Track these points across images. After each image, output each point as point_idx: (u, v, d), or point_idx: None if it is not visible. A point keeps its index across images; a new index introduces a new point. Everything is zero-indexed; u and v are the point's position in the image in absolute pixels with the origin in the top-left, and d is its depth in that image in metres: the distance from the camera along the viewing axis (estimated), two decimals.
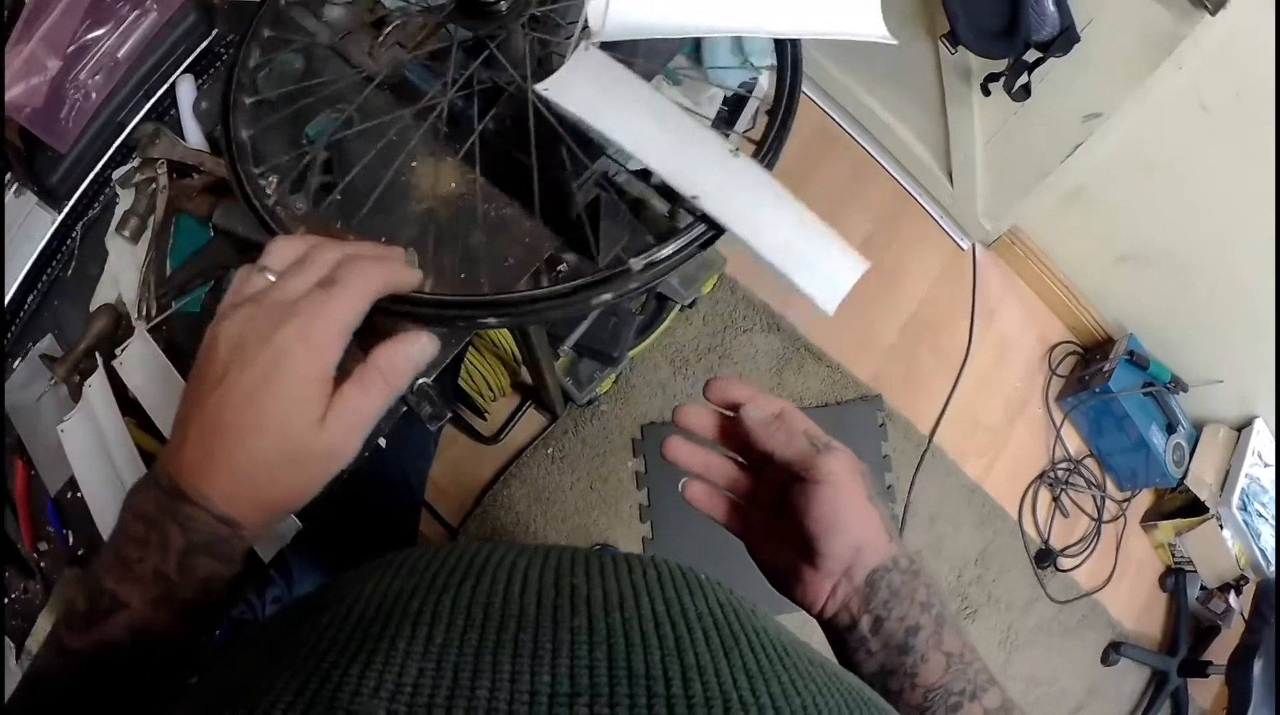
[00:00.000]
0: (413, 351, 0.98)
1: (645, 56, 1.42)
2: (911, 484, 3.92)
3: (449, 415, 1.14)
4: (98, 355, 1.68)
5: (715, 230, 1.20)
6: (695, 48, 1.90)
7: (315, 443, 0.87)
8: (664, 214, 1.43)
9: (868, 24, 1.34)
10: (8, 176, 1.77)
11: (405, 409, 1.45)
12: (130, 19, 1.77)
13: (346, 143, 1.50)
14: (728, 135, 1.66)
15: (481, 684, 0.54)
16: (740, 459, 1.16)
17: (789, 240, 1.19)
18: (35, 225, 1.79)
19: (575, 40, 1.30)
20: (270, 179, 1.38)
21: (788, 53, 1.35)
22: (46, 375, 1.69)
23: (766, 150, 1.27)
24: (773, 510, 1.11)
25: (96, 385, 1.63)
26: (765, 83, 2.05)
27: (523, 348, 2.76)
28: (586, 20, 1.28)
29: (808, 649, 0.71)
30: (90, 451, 1.60)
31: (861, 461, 1.06)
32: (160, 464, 0.89)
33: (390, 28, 1.60)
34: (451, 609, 0.63)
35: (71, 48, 1.69)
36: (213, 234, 1.70)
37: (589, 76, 1.25)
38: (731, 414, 1.10)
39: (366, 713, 0.51)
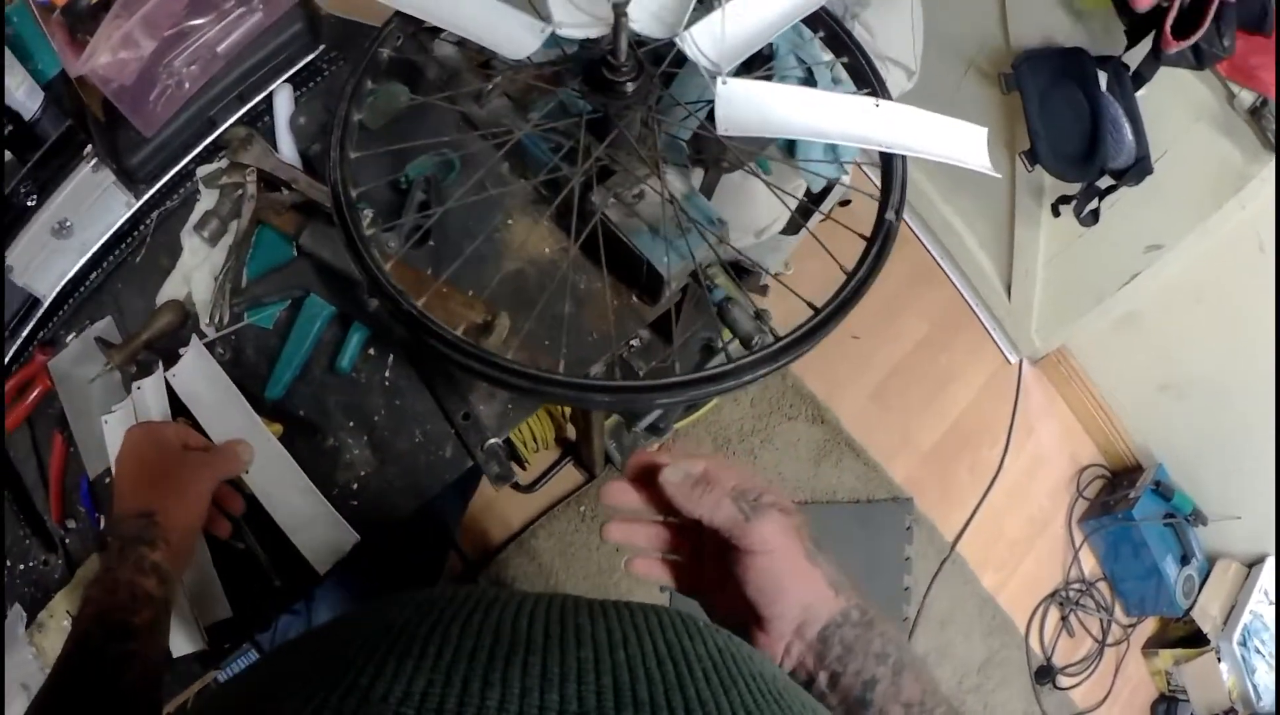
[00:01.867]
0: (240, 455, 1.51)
1: (737, 149, 1.47)
2: (928, 588, 3.80)
3: (514, 476, 1.21)
4: (159, 363, 1.63)
5: (788, 359, 1.19)
6: (789, 141, 1.78)
7: (179, 472, 1.42)
8: (750, 314, 1.45)
9: (974, 154, 1.34)
10: (88, 148, 1.74)
11: (471, 464, 1.51)
12: (234, 15, 1.73)
13: (445, 188, 1.52)
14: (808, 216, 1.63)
15: (491, 695, 0.53)
16: (677, 522, 1.15)
17: (935, 139, 1.30)
18: (110, 203, 1.76)
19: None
20: (366, 211, 1.35)
21: (896, 172, 1.31)
22: (100, 357, 1.65)
23: (865, 271, 1.23)
24: (720, 565, 1.07)
25: (149, 388, 1.61)
26: (848, 178, 1.93)
27: (577, 410, 2.74)
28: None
29: (800, 694, 0.71)
30: None
31: (795, 513, 1.02)
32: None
33: (499, 78, 1.58)
34: (461, 633, 0.62)
35: (170, 32, 1.65)
36: (295, 254, 1.68)
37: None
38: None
39: None
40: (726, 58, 1.34)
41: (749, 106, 1.29)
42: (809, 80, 1.76)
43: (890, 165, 1.31)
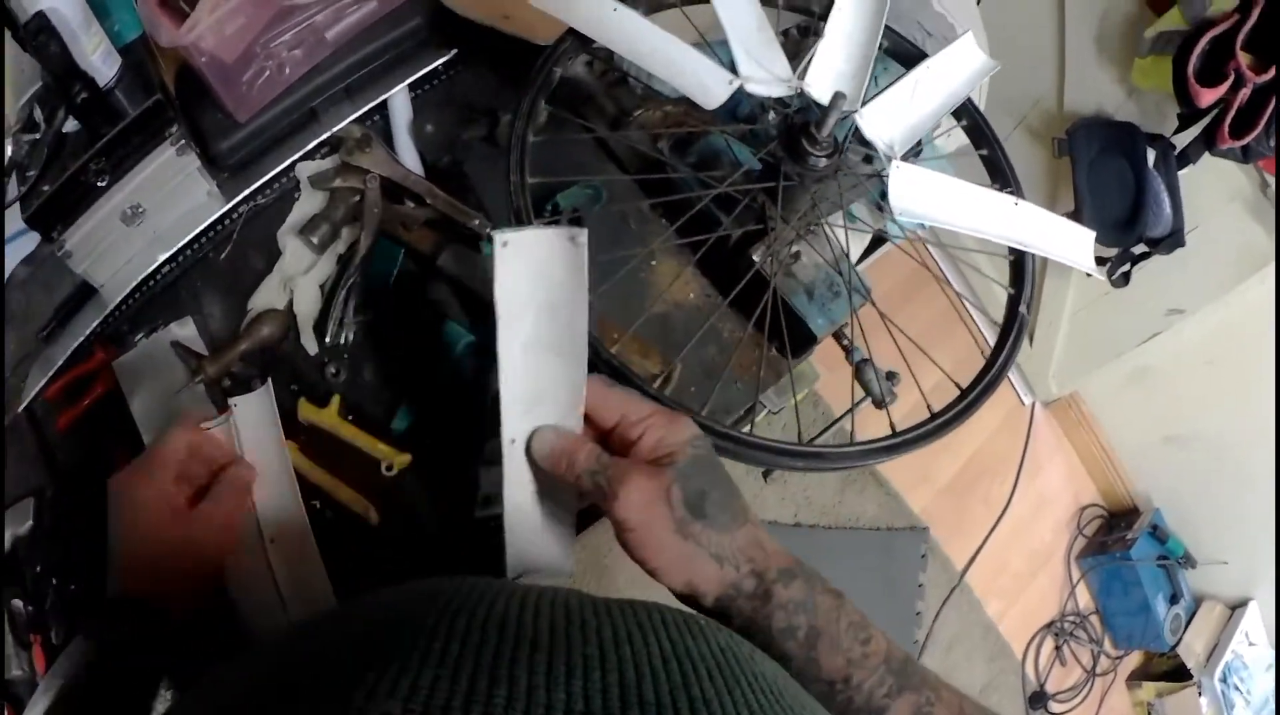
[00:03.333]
0: (238, 478, 1.23)
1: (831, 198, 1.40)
2: (938, 614, 3.74)
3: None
4: (262, 378, 1.39)
5: (938, 436, 1.25)
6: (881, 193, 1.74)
7: (171, 534, 1.12)
8: (884, 375, 1.44)
9: (1084, 256, 1.35)
10: (174, 129, 1.38)
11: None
12: (348, 0, 1.47)
13: (589, 220, 1.40)
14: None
15: (498, 692, 0.49)
16: None
17: (1055, 239, 1.34)
18: (192, 191, 1.46)
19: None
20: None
21: (1028, 269, 1.34)
22: (178, 366, 1.37)
23: (1005, 358, 1.30)
24: None
25: (251, 406, 1.30)
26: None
27: None
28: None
29: (800, 694, 0.66)
30: None
31: (671, 459, 0.86)
32: None
33: (637, 113, 1.50)
34: (467, 627, 0.57)
35: (276, 9, 1.40)
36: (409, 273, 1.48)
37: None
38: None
39: (382, 712, 0.46)
40: (900, 140, 1.29)
41: (915, 190, 1.26)
42: (917, 146, 1.71)
43: (1023, 263, 1.31)
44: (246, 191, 1.48)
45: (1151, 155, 2.78)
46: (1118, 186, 2.88)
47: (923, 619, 3.71)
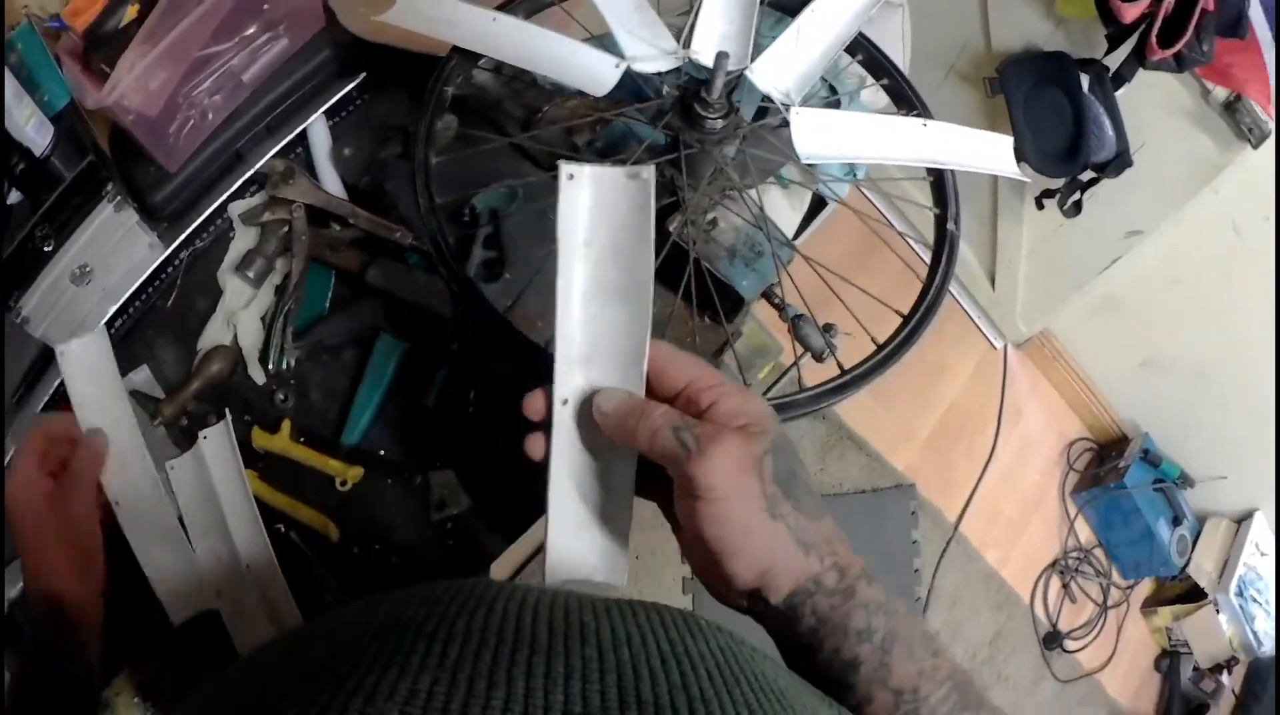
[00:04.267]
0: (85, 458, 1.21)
1: (761, 166, 1.47)
2: (936, 569, 3.79)
3: None
4: (217, 412, 1.44)
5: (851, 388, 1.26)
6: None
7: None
8: (819, 328, 1.46)
9: (1005, 163, 1.37)
10: (109, 187, 1.49)
11: None
12: (259, 41, 1.55)
13: (508, 221, 1.46)
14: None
15: (496, 695, 0.50)
16: None
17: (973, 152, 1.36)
18: (134, 245, 1.53)
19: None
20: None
21: (949, 186, 1.36)
22: (140, 412, 1.44)
23: (941, 278, 1.33)
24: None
25: (215, 438, 1.36)
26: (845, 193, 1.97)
27: None
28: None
29: (804, 693, 0.65)
30: (198, 499, 1.37)
31: (763, 431, 0.77)
32: None
33: (548, 107, 1.56)
34: (466, 630, 0.58)
35: (192, 60, 1.46)
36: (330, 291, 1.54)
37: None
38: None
39: None
40: (795, 87, 1.32)
41: (820, 132, 1.27)
42: (831, 94, 1.77)
43: (943, 181, 1.34)
44: (183, 237, 1.55)
45: (1086, 81, 2.85)
46: (1055, 117, 2.94)
47: (921, 576, 3.75)
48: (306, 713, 0.47)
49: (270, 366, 1.49)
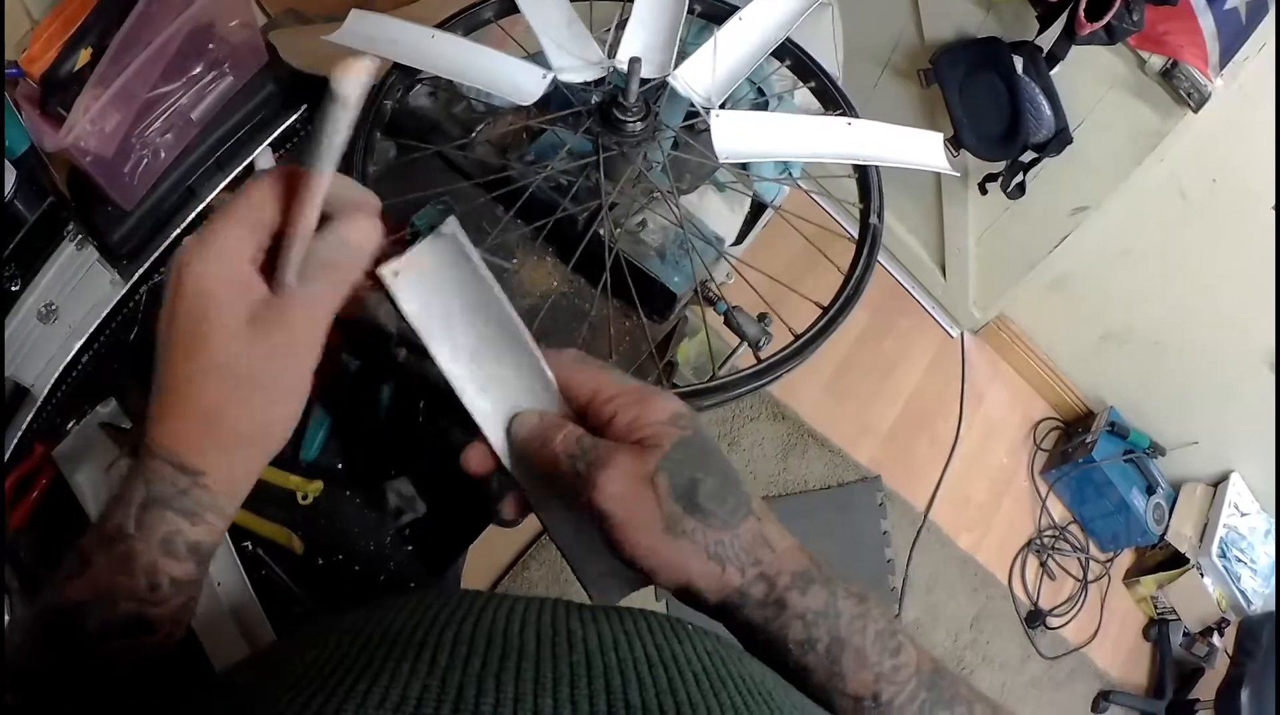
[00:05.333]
0: (352, 235, 0.76)
1: (695, 171, 1.56)
2: (909, 557, 3.85)
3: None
4: None
5: (810, 352, 1.29)
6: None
7: (250, 350, 0.72)
8: (753, 318, 1.50)
9: (933, 157, 1.41)
10: (69, 227, 1.59)
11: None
12: (205, 80, 1.63)
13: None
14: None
15: (485, 701, 0.51)
16: None
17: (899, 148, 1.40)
18: (96, 282, 1.61)
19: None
20: None
21: (873, 181, 1.42)
22: (108, 443, 1.52)
23: (861, 270, 1.36)
24: None
25: None
26: (786, 192, 2.05)
27: None
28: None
29: (789, 694, 0.66)
30: None
31: (660, 439, 0.75)
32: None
33: (479, 129, 1.61)
34: (455, 639, 0.60)
35: (143, 101, 1.53)
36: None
37: None
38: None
39: None
40: (716, 92, 1.40)
41: (742, 134, 1.34)
42: (760, 96, 1.85)
43: (866, 176, 1.41)
44: (140, 272, 1.64)
45: (1019, 62, 2.92)
46: (991, 101, 3.02)
47: (895, 565, 3.81)
48: None
49: None
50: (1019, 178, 3.19)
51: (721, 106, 1.42)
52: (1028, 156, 3.12)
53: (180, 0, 1.50)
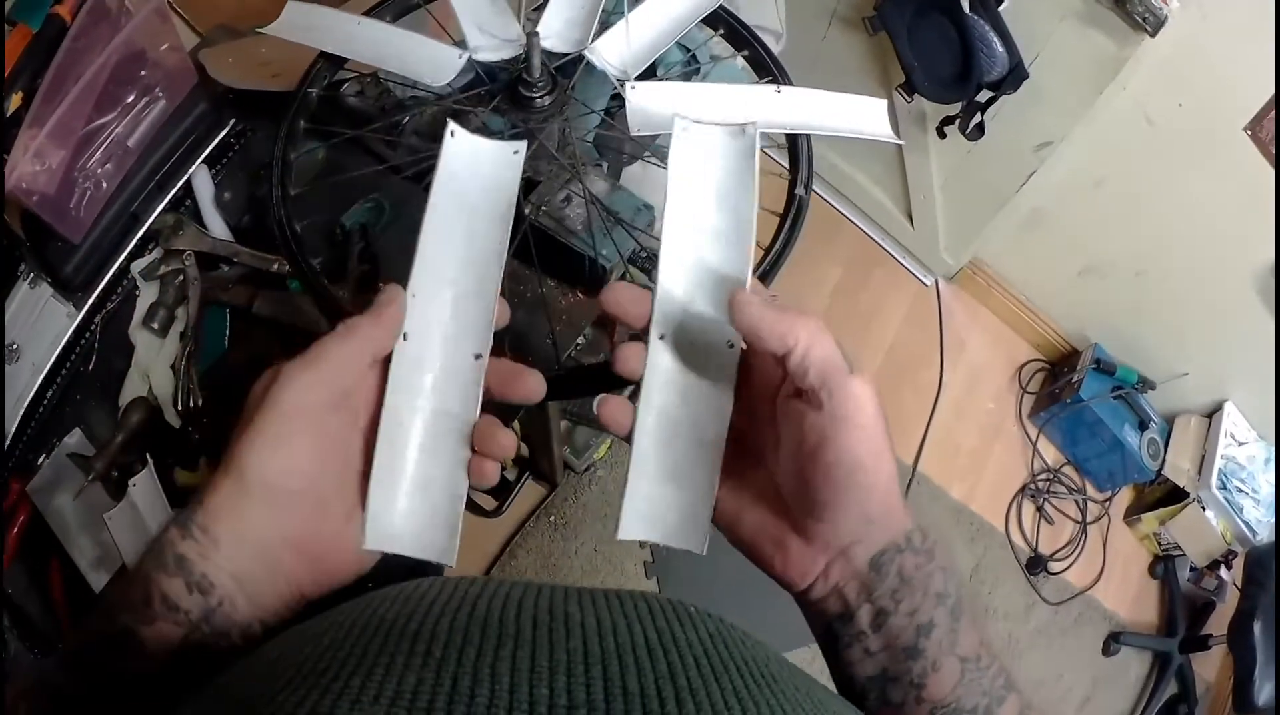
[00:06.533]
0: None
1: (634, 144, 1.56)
2: None
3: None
4: (147, 457, 1.60)
5: None
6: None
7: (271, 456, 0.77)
8: None
9: (875, 125, 1.39)
10: (21, 267, 1.68)
11: None
12: (139, 107, 1.70)
13: (379, 232, 1.54)
14: None
15: (481, 692, 0.52)
16: None
17: (836, 116, 1.35)
18: (52, 317, 1.69)
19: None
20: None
21: (801, 150, 1.37)
22: (76, 473, 1.59)
23: (781, 244, 1.31)
24: (745, 447, 0.85)
25: (143, 483, 1.55)
26: None
27: (533, 420, 2.67)
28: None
29: (795, 675, 0.66)
30: (138, 543, 1.51)
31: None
32: None
33: (407, 119, 1.63)
34: (450, 629, 0.61)
35: (80, 135, 1.60)
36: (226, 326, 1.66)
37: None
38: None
39: None
40: (632, 64, 1.40)
41: (658, 106, 1.32)
42: (692, 63, 1.86)
43: (796, 145, 1.36)
44: (91, 301, 1.71)
45: (966, 2, 2.94)
46: (942, 43, 3.04)
47: None
48: None
49: (179, 408, 1.64)
50: (977, 118, 3.21)
51: (650, 76, 1.45)
52: (984, 96, 3.13)
53: (106, 32, 1.58)
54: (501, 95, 1.37)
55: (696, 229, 0.87)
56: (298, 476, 0.78)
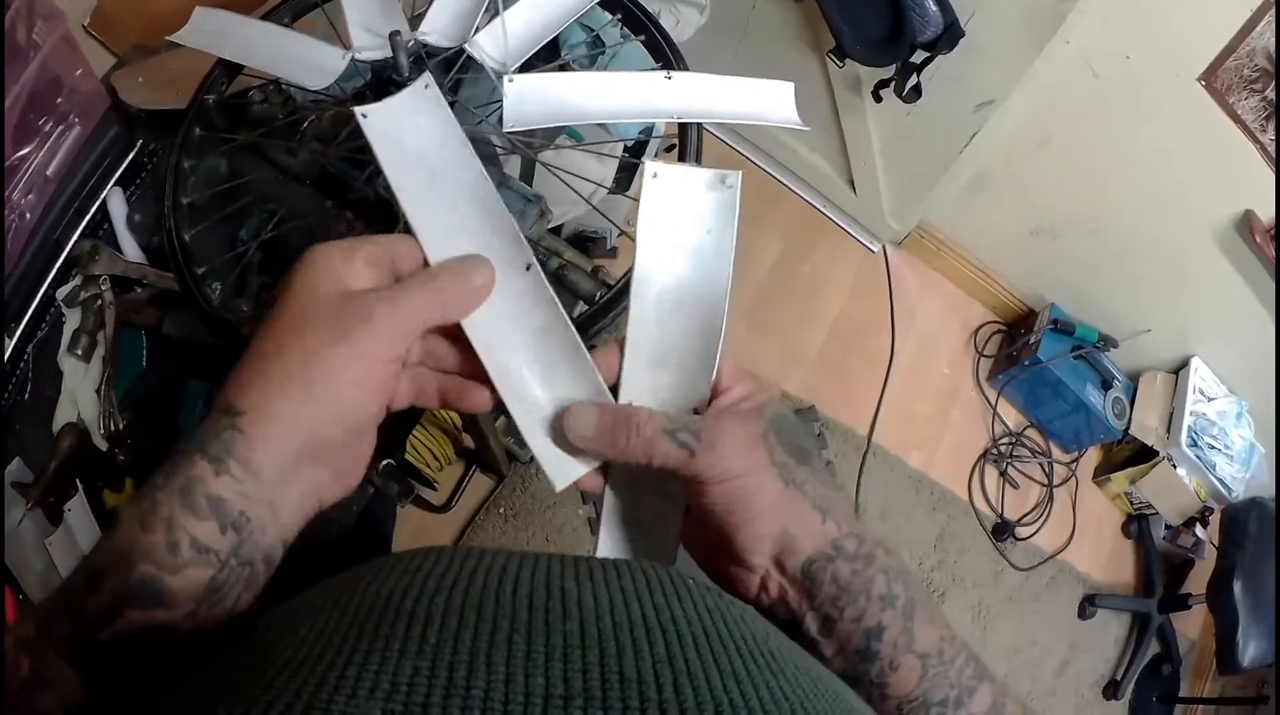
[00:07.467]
0: (472, 274, 0.83)
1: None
2: (858, 485, 3.93)
3: (414, 492, 1.03)
4: (77, 482, 1.67)
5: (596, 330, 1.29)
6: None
7: (324, 311, 0.76)
8: (587, 273, 1.56)
9: (780, 110, 1.42)
10: None
11: (373, 490, 1.57)
12: (55, 135, 1.75)
13: (280, 241, 1.53)
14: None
15: (477, 683, 0.53)
16: None
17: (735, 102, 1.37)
18: None
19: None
20: (214, 286, 1.40)
21: (690, 139, 1.40)
22: (20, 501, 1.65)
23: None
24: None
25: (77, 509, 1.63)
26: (662, 125, 2.07)
27: (470, 417, 2.72)
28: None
29: (794, 653, 0.68)
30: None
31: (762, 405, 0.84)
32: None
33: (306, 124, 1.63)
34: (445, 609, 0.61)
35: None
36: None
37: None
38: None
39: (362, 714, 0.49)
40: (512, 57, 1.41)
41: (538, 99, 1.33)
42: (596, 43, 1.89)
43: (684, 134, 1.40)
44: (19, 331, 1.78)
45: None
46: (870, 4, 3.07)
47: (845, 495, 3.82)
48: (291, 708, 0.50)
49: (102, 432, 1.71)
50: (913, 80, 3.24)
51: (554, 56, 1.51)
52: (919, 57, 3.16)
53: (16, 67, 1.64)
54: (370, 95, 1.38)
55: (666, 291, 0.88)
56: (373, 385, 0.79)
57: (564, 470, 0.86)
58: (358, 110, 0.89)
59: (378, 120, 0.92)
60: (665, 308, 0.87)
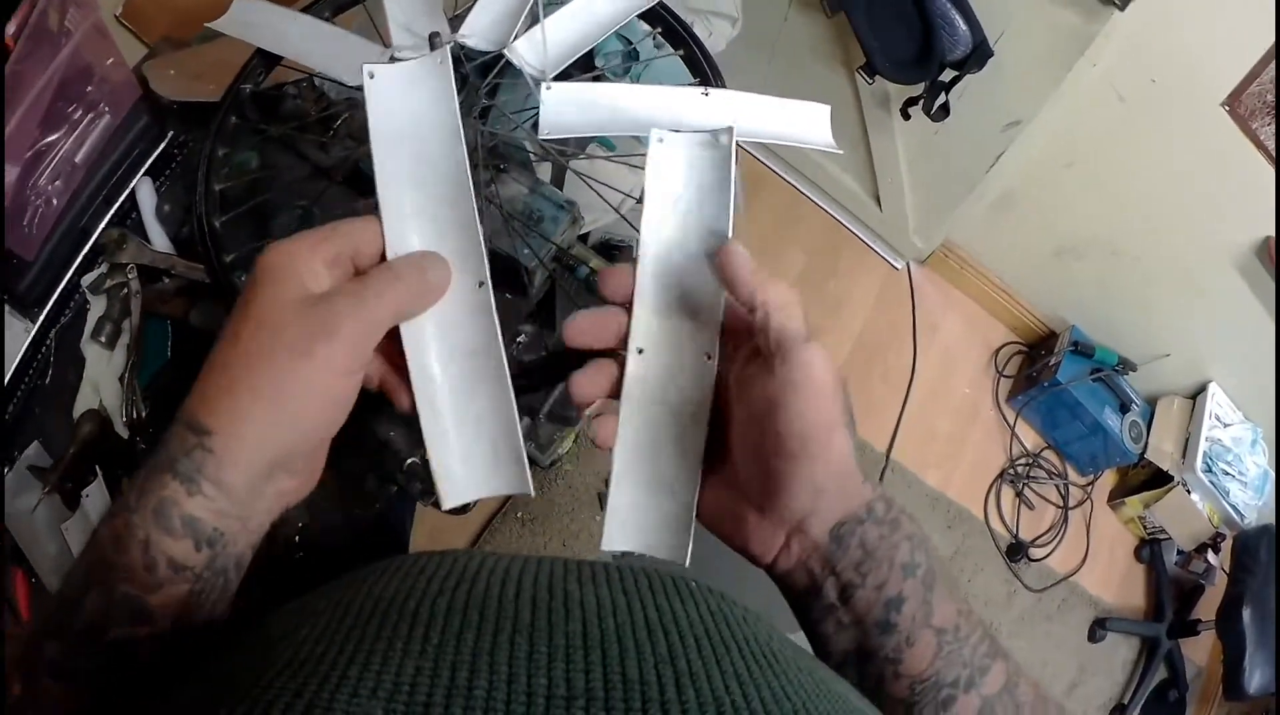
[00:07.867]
0: (430, 272, 0.85)
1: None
2: None
3: (435, 490, 1.05)
4: (97, 468, 1.68)
5: None
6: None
7: (289, 318, 0.76)
8: None
9: (816, 132, 1.37)
10: None
11: (395, 488, 1.56)
12: (85, 123, 1.76)
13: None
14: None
15: (479, 684, 0.53)
16: None
17: (770, 121, 1.32)
18: (11, 334, 1.75)
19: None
20: (242, 278, 1.38)
21: None
22: (37, 485, 1.66)
23: None
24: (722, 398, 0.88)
25: (94, 495, 1.63)
26: None
27: None
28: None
29: (797, 654, 0.67)
30: None
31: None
32: None
33: (340, 121, 1.65)
34: (448, 610, 0.62)
35: (29, 154, 1.65)
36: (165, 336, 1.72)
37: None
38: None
39: (364, 713, 0.50)
40: (550, 64, 1.41)
41: (574, 108, 1.32)
42: (631, 54, 1.88)
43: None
44: (43, 316, 1.78)
45: None
46: (901, 21, 3.07)
47: None
48: (293, 707, 0.50)
49: (124, 420, 1.72)
50: (941, 99, 3.25)
51: (590, 68, 1.50)
52: (948, 75, 3.16)
53: (47, 53, 1.65)
54: None
55: (672, 243, 0.90)
56: (338, 397, 0.80)
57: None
58: (365, 68, 0.92)
59: (381, 83, 0.96)
60: (671, 259, 0.89)
